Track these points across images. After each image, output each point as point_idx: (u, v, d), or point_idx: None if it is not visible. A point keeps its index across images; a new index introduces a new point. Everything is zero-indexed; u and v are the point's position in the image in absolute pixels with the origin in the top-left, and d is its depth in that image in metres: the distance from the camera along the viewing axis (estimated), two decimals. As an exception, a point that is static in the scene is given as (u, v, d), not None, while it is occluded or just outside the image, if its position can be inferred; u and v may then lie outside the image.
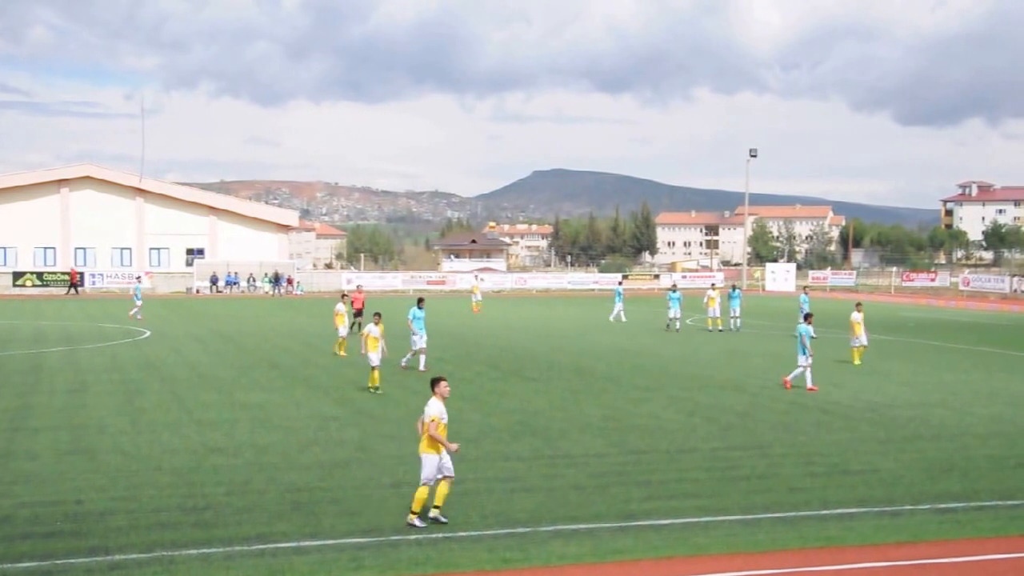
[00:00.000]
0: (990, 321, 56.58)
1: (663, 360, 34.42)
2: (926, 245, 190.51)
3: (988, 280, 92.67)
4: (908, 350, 39.01)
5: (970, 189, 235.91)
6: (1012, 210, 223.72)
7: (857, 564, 12.36)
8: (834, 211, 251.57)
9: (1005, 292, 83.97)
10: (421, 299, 32.04)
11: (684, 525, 13.95)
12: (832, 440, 20.36)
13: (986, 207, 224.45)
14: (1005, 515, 14.65)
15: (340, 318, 35.12)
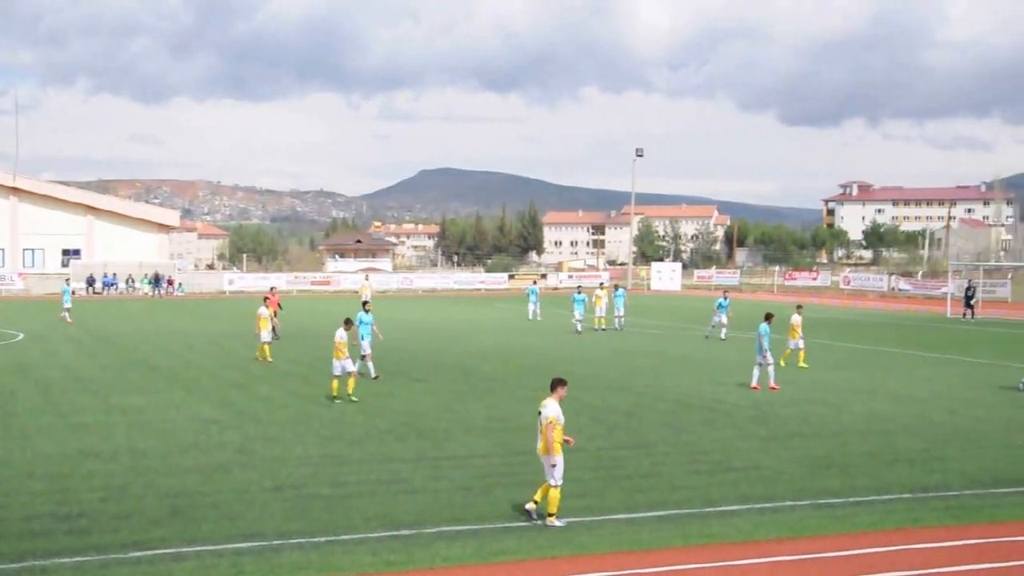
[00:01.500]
0: (869, 319, 58.43)
1: (549, 360, 34.68)
2: (808, 244, 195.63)
3: (868, 279, 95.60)
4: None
5: (851, 189, 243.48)
6: (891, 209, 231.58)
7: (738, 560, 12.66)
8: (719, 211, 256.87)
9: (884, 291, 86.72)
10: (366, 303, 31.67)
11: (569, 525, 14.09)
12: (716, 438, 20.79)
13: (866, 207, 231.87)
14: (881, 509, 15.16)
15: (263, 322, 34.05)
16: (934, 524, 14.38)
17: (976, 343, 43.09)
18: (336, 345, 25.48)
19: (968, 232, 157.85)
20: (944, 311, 61.38)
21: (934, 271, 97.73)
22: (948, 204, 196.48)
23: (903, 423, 22.66)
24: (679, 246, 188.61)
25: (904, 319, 59.16)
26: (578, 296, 46.70)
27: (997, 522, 14.54)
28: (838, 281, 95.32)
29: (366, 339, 29.48)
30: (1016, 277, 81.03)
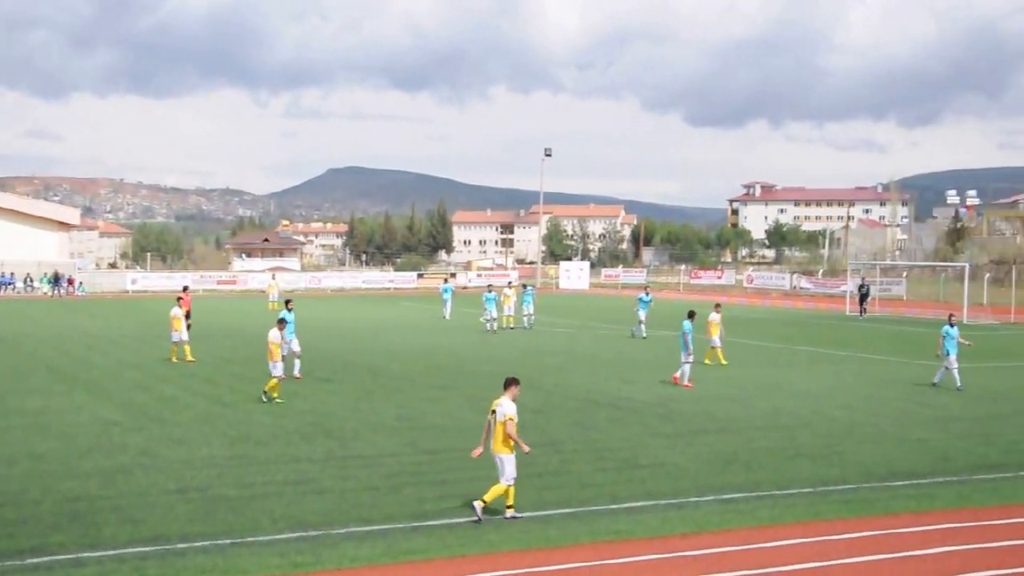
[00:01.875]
0: (772, 317, 59.56)
1: (458, 359, 34.70)
2: (713, 244, 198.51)
3: (771, 277, 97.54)
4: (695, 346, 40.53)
5: (754, 189, 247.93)
6: (792, 209, 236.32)
7: (644, 556, 12.82)
8: (626, 210, 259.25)
9: (786, 289, 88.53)
10: (289, 301, 31.05)
11: (477, 523, 14.12)
12: (623, 435, 21.01)
13: (769, 207, 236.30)
14: (782, 504, 15.48)
15: (177, 322, 33.27)
16: (833, 517, 14.73)
17: (872, 340, 44.21)
18: (271, 346, 25.10)
19: (866, 232, 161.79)
20: (843, 309, 62.85)
21: (834, 270, 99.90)
22: (847, 204, 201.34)
23: (804, 419, 23.16)
24: (587, 245, 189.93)
25: (805, 317, 60.44)
26: (489, 295, 46.64)
27: (892, 514, 14.93)
28: (742, 280, 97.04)
29: (292, 337, 29.06)
30: (911, 276, 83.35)
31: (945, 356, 28.42)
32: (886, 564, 12.59)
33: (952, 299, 65.22)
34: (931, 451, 19.68)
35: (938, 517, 14.76)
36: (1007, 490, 16.57)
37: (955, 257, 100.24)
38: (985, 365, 33.72)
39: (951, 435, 21.42)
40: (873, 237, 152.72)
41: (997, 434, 21.62)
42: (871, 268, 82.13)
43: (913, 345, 42.15)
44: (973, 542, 13.48)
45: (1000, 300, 61.91)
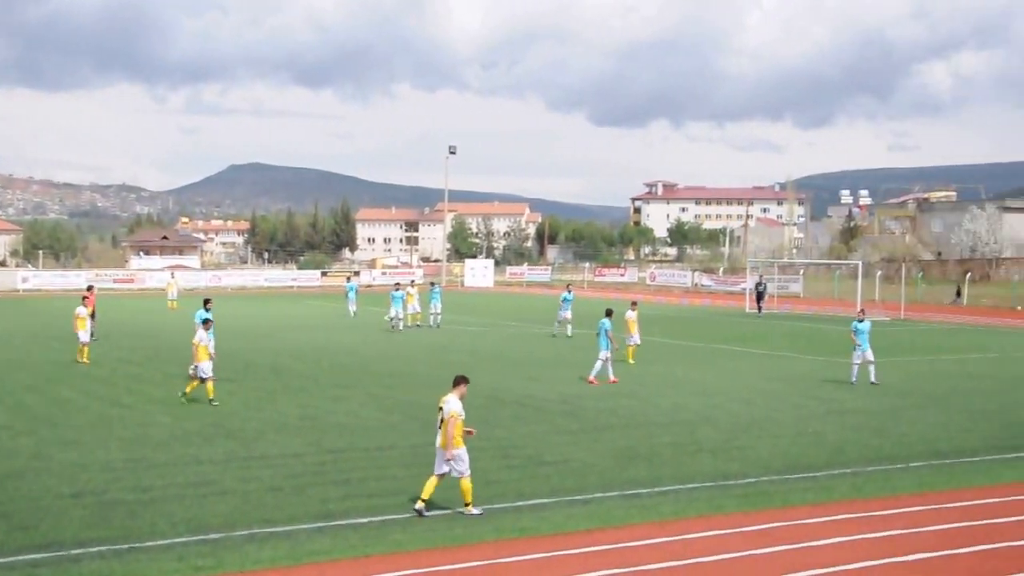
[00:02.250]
0: (674, 314, 60.34)
1: (362, 358, 34.47)
2: (617, 242, 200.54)
3: (672, 275, 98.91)
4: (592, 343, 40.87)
5: (656, 188, 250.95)
6: (694, 208, 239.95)
7: (549, 553, 12.87)
8: (531, 208, 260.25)
9: (688, 286, 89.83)
10: (208, 301, 30.13)
11: (383, 523, 14.05)
12: (528, 432, 21.08)
13: (670, 205, 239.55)
14: (685, 498, 15.70)
15: (81, 322, 32.18)
16: (733, 510, 14.98)
17: (770, 336, 45.09)
18: (197, 347, 24.56)
19: (764, 230, 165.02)
20: (743, 306, 63.96)
21: (734, 268, 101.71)
22: (746, 204, 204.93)
23: (705, 414, 23.52)
24: (492, 243, 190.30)
25: (706, 314, 61.37)
26: (396, 293, 46.19)
27: (790, 506, 15.26)
28: (645, 277, 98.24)
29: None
30: (807, 273, 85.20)
31: (860, 351, 28.89)
32: (785, 555, 12.84)
33: (846, 296, 66.87)
34: (826, 444, 20.14)
35: (833, 508, 15.10)
36: (897, 481, 17.04)
37: (849, 255, 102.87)
38: (877, 360, 34.57)
39: (845, 428, 21.96)
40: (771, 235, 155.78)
41: (888, 427, 22.22)
42: (769, 266, 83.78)
43: (809, 341, 43.13)
44: (867, 532, 13.83)
45: (891, 296, 63.60)
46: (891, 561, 12.61)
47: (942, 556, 12.85)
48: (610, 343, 28.85)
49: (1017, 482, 17.08)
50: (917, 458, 18.87)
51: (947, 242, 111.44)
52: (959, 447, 20.01)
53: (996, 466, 18.39)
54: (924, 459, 18.78)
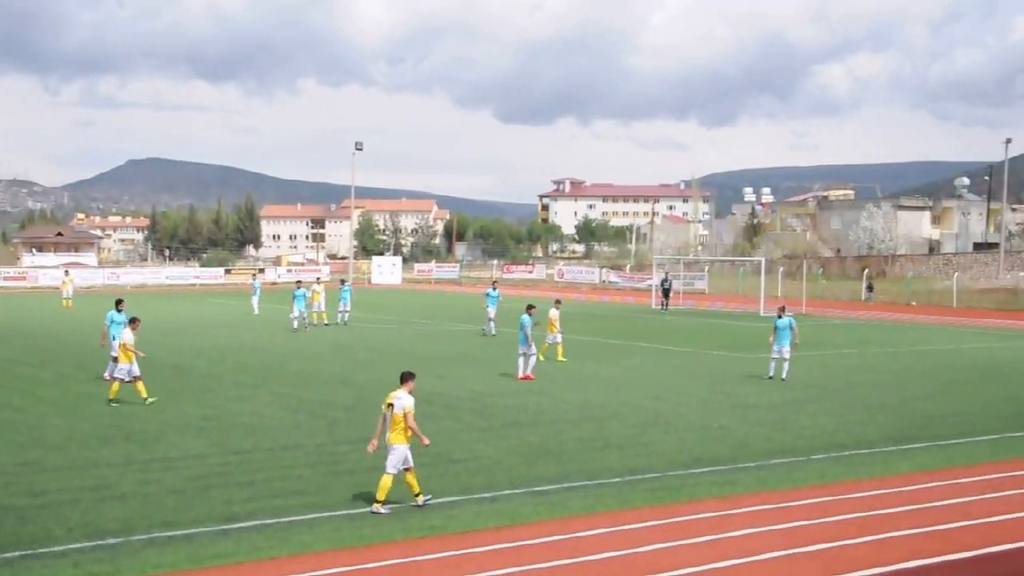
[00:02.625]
0: (582, 311, 60.66)
1: (267, 356, 33.98)
2: (525, 238, 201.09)
3: (581, 272, 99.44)
4: (507, 341, 40.95)
5: (564, 185, 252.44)
6: (601, 205, 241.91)
7: (458, 551, 12.81)
8: (439, 205, 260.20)
9: (595, 283, 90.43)
10: (120, 301, 29.10)
11: (289, 524, 13.84)
12: (436, 429, 20.91)
13: (578, 202, 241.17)
14: (593, 494, 15.76)
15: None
16: (641, 505, 15.09)
17: (676, 332, 45.65)
18: (124, 347, 23.88)
19: (670, 228, 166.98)
20: (650, 302, 64.64)
21: (641, 264, 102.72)
22: (652, 201, 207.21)
23: (612, 410, 23.67)
24: (399, 240, 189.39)
25: (614, 310, 61.86)
26: (298, 292, 45.38)
27: (696, 500, 15.43)
28: (553, 274, 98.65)
29: (118, 339, 27.55)
30: (712, 270, 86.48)
31: (781, 347, 29.25)
32: (692, 548, 12.97)
33: (750, 292, 67.99)
34: (731, 438, 20.42)
35: (739, 501, 15.31)
36: (799, 473, 17.35)
37: (752, 252, 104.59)
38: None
39: (749, 422, 22.29)
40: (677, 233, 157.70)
41: (790, 420, 22.61)
42: (676, 263, 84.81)
43: (714, 336, 43.72)
44: (771, 524, 14.04)
45: (792, 292, 64.92)
46: (795, 552, 12.82)
47: (843, 546, 13.11)
48: (526, 340, 28.90)
49: (913, 472, 17.52)
50: (818, 450, 19.23)
51: (846, 239, 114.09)
52: (858, 439, 20.46)
53: (893, 457, 18.84)
54: (825, 451, 19.15)
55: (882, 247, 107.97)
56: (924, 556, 12.62)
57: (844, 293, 73.70)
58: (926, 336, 45.61)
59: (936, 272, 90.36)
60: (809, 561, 12.53)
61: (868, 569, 12.12)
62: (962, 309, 63.18)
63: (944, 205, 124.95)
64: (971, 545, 13.11)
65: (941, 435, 21.02)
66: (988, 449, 19.69)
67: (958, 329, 50.18)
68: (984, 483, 16.65)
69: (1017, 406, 24.97)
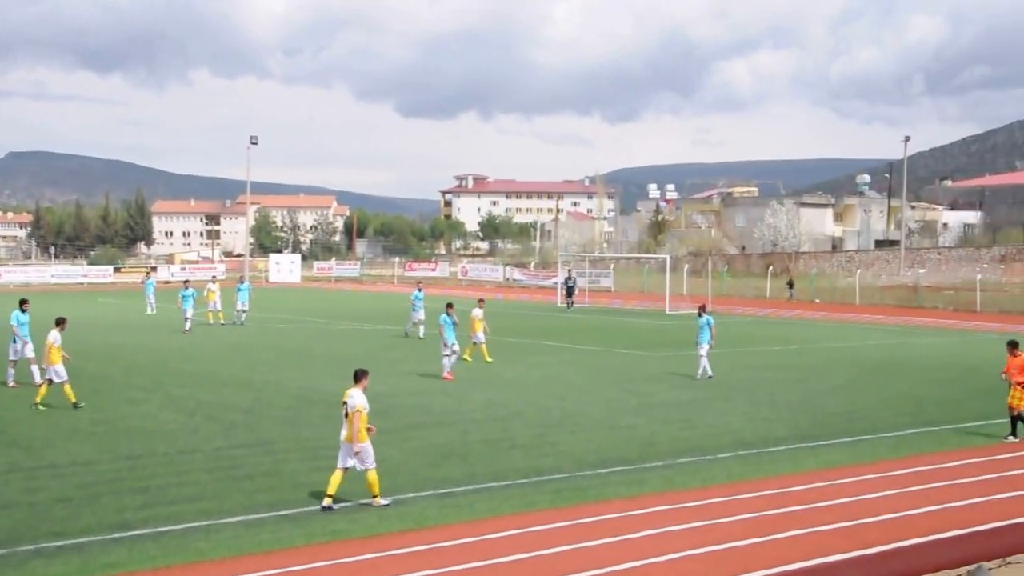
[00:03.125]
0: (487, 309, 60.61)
1: (161, 357, 33.36)
2: (428, 235, 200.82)
3: (485, 269, 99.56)
4: (409, 341, 40.85)
5: (466, 181, 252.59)
6: (504, 201, 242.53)
7: (362, 556, 12.73)
8: (338, 201, 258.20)
9: (500, 281, 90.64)
10: (24, 301, 27.87)
11: (184, 531, 13.61)
12: (337, 432, 20.76)
13: (481, 198, 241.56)
14: (499, 496, 15.79)
15: None
16: (548, 507, 15.17)
17: (580, 330, 46.00)
18: (50, 348, 23.15)
19: (575, 224, 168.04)
20: (555, 300, 65.03)
21: (545, 262, 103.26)
22: (556, 197, 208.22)
23: (518, 410, 23.75)
24: (298, 237, 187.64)
25: (518, 308, 62.03)
26: (185, 292, 44.12)
27: (604, 500, 15.55)
28: (456, 272, 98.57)
29: (28, 341, 26.71)
30: (617, 267, 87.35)
31: (699, 345, 29.61)
32: (600, 549, 13.07)
33: (655, 290, 68.82)
34: (638, 437, 20.64)
35: (647, 501, 15.48)
36: (707, 472, 17.61)
37: (657, 249, 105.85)
38: (684, 353, 35.71)
39: (656, 421, 22.56)
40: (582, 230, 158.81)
41: (697, 418, 22.95)
42: (580, 260, 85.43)
43: (619, 334, 44.18)
44: (679, 523, 14.23)
45: (698, 290, 65.84)
46: (703, 551, 13.01)
47: (751, 544, 13.35)
48: (445, 339, 29.01)
49: (819, 469, 17.91)
50: (725, 449, 19.54)
51: (750, 236, 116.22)
52: (764, 437, 20.84)
53: (800, 454, 19.24)
54: (732, 449, 19.47)
55: (786, 244, 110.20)
56: (831, 553, 12.90)
57: (749, 290, 75.01)
58: (830, 333, 46.69)
59: (839, 269, 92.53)
60: (717, 560, 12.73)
61: (776, 567, 12.34)
62: (865, 306, 64.80)
63: (846, 202, 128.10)
64: (877, 541, 13.45)
65: (846, 432, 21.51)
66: (892, 446, 20.20)
67: (861, 326, 51.47)
68: (888, 479, 17.09)
69: (919, 403, 25.69)
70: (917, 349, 39.89)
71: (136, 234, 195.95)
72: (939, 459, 18.77)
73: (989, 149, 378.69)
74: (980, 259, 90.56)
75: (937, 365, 33.84)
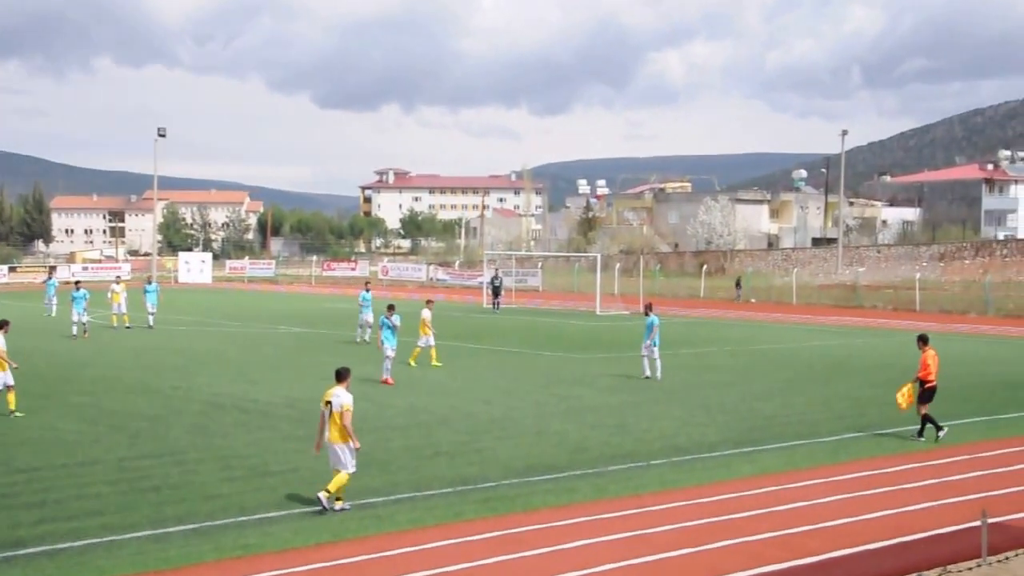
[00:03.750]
0: (407, 310, 60.45)
1: (61, 362, 32.75)
2: (346, 233, 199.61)
3: (407, 268, 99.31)
4: (328, 343, 40.59)
5: (387, 176, 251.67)
6: (427, 197, 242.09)
7: (276, 571, 12.56)
8: (252, 197, 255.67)
9: (423, 280, 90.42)
10: None
11: (85, 547, 13.35)
12: (251, 440, 20.59)
13: (403, 194, 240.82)
14: (422, 506, 15.71)
15: None
16: (474, 517, 15.12)
17: (507, 332, 46.06)
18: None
19: (501, 221, 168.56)
20: (480, 301, 65.02)
21: (471, 260, 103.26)
22: (482, 193, 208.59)
23: (442, 416, 23.68)
24: (209, 235, 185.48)
25: (442, 309, 61.84)
26: (77, 294, 43.07)
27: (532, 509, 15.54)
28: (377, 271, 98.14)
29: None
30: (546, 266, 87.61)
31: (645, 345, 29.92)
32: (529, 561, 13.06)
33: (585, 289, 69.17)
34: (568, 443, 20.66)
35: (577, 510, 15.49)
36: (640, 479, 17.67)
37: (587, 247, 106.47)
38: (615, 355, 35.94)
39: (586, 426, 22.63)
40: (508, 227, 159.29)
41: (629, 423, 23.06)
42: (507, 259, 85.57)
43: (547, 336, 44.30)
44: (611, 533, 14.27)
45: (630, 289, 66.31)
46: (636, 562, 13.05)
47: (685, 554, 13.42)
48: (391, 341, 29.11)
49: (755, 475, 18.07)
50: (658, 455, 19.64)
51: (683, 233, 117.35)
52: (698, 442, 20.99)
53: (735, 460, 19.40)
54: (665, 456, 19.56)
55: (721, 242, 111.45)
56: (769, 563, 13.02)
57: (683, 290, 75.73)
58: (766, 334, 47.28)
59: (775, 268, 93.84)
60: (650, 572, 12.78)
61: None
62: (802, 306, 65.77)
63: (782, 198, 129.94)
64: (816, 550, 13.60)
65: (783, 436, 21.75)
66: (830, 450, 20.45)
67: (798, 326, 52.20)
68: (827, 485, 17.28)
69: (858, 405, 26.06)
70: (856, 350, 40.54)
71: (34, 231, 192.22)
72: (878, 464, 19.04)
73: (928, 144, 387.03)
74: (919, 257, 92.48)
75: (876, 366, 34.41)
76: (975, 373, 32.37)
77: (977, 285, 69.68)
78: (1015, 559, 13.03)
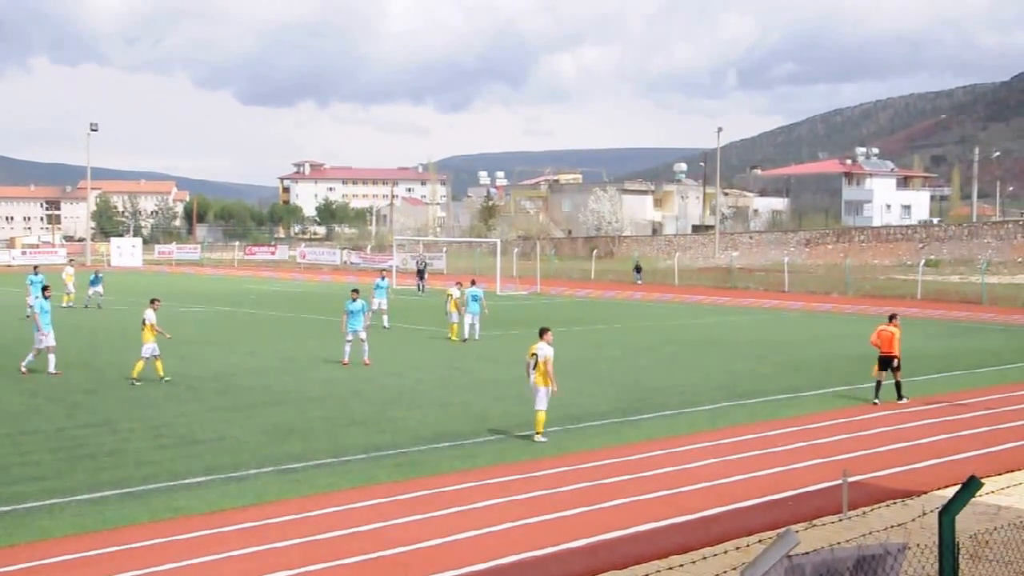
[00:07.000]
0: (323, 291, 60.12)
1: (1, 342, 31.89)
2: (267, 220, 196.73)
3: (322, 253, 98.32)
4: (251, 321, 40.15)
5: (304, 168, 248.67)
6: (341, 188, 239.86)
7: (204, 531, 12.48)
8: (179, 187, 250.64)
9: (337, 264, 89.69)
10: None
11: (27, 510, 13.13)
12: (180, 411, 20.34)
13: (319, 184, 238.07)
14: (339, 471, 15.71)
15: None
16: (386, 480, 15.16)
17: (414, 311, 45.96)
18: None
19: (409, 209, 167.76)
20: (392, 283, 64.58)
21: (381, 245, 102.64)
22: (391, 184, 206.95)
23: (356, 388, 23.62)
24: (139, 222, 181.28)
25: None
26: (35, 278, 42.05)
27: (440, 474, 15.62)
28: (295, 256, 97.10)
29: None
30: (450, 251, 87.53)
31: (472, 315, 33.34)
32: (438, 520, 13.16)
33: (487, 272, 69.22)
34: (471, 413, 20.77)
35: (481, 474, 15.62)
36: (536, 446, 17.82)
37: (488, 233, 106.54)
38: (512, 332, 36.13)
39: (487, 397, 22.74)
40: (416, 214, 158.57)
41: (526, 395, 23.02)
42: (416, 243, 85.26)
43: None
44: (511, 495, 14.42)
45: (527, 272, 66.60)
46: (535, 520, 13.22)
47: (580, 512, 13.62)
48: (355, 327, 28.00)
49: (641, 441, 18.32)
50: (553, 423, 19.69)
51: (576, 221, 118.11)
52: (590, 411, 21.21)
53: (623, 427, 19.67)
54: (559, 424, 19.65)
55: (609, 228, 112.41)
56: (655, 519, 13.26)
57: (576, 272, 76.21)
58: (651, 313, 47.89)
59: (659, 252, 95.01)
60: (549, 529, 12.94)
61: (605, 534, 12.64)
62: (684, 287, 66.61)
63: (665, 189, 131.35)
64: (697, 507, 13.89)
65: (666, 406, 22.08)
66: (708, 418, 20.81)
67: (680, 306, 52.89)
68: (705, 449, 17.60)
69: (733, 377, 26.52)
70: (731, 327, 41.20)
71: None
72: (752, 430, 19.42)
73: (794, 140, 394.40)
74: (788, 243, 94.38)
75: (749, 341, 35.08)
76: (836, 348, 33.20)
77: (838, 268, 71.33)
78: (871, 513, 13.47)
